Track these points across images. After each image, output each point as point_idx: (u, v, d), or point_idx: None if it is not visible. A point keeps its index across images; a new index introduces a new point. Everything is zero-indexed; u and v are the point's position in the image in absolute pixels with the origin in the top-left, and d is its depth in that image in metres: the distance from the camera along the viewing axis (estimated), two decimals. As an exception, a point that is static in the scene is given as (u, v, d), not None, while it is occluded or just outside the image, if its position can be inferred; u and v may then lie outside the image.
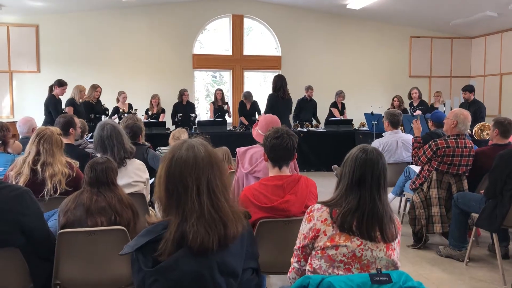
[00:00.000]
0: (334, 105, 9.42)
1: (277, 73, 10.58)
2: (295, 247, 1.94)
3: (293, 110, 9.13)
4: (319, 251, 1.82)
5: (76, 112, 6.70)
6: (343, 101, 9.45)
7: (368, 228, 1.79)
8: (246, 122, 8.66)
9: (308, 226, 1.87)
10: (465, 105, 7.41)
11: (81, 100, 7.08)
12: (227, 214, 1.54)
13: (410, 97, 8.59)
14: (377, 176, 1.84)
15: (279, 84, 6.89)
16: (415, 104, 8.46)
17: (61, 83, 6.69)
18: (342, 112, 9.40)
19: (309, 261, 1.88)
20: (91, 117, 7.24)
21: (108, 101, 8.19)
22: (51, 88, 6.75)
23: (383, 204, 1.83)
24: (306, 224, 1.89)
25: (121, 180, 3.17)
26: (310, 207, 1.93)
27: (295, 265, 1.95)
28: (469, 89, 7.57)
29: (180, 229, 1.48)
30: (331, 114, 9.35)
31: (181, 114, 8.47)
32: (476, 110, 7.18)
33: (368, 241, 1.79)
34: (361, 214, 1.80)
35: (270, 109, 6.82)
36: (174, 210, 1.53)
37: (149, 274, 1.47)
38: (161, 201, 1.57)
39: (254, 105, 8.92)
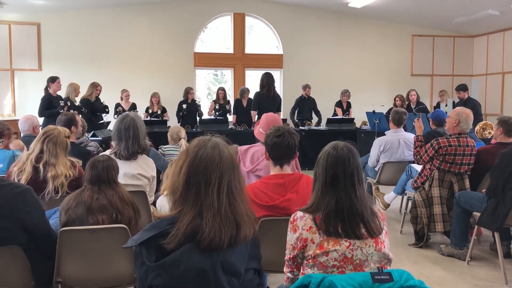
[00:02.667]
0: (339, 104, 9.40)
1: (277, 71, 10.67)
2: (285, 258, 1.91)
3: (291, 107, 9.16)
4: (310, 260, 1.80)
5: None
6: (348, 100, 9.43)
7: (353, 227, 1.77)
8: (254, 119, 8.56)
9: (294, 236, 1.84)
10: (460, 104, 7.40)
11: (76, 97, 7.09)
12: (241, 216, 1.57)
13: (408, 98, 8.57)
14: (350, 173, 1.81)
15: (265, 82, 6.88)
16: (412, 106, 8.46)
17: (53, 79, 6.67)
18: (347, 111, 9.37)
19: (301, 270, 1.86)
20: (89, 115, 7.21)
21: (109, 99, 8.19)
22: (46, 89, 6.73)
23: (361, 200, 1.81)
24: (292, 234, 1.86)
25: (126, 169, 3.20)
26: (292, 215, 1.90)
27: (289, 275, 1.93)
28: (463, 88, 7.64)
29: (194, 222, 1.50)
30: (336, 113, 9.35)
31: (185, 105, 8.47)
32: (472, 108, 7.19)
33: (356, 240, 1.77)
34: (342, 215, 1.77)
35: (257, 107, 6.82)
36: (190, 203, 1.54)
37: (151, 269, 1.48)
38: (176, 191, 1.58)
39: (250, 102, 8.91)
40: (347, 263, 1.77)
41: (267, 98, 6.88)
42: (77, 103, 7.05)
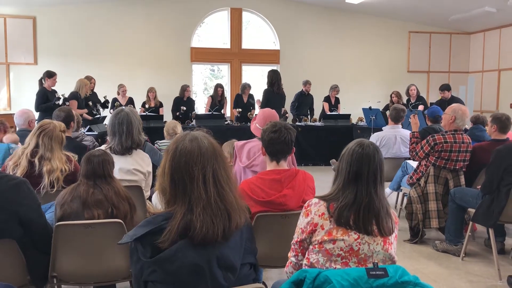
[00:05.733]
0: (327, 99, 9.40)
1: (272, 68, 10.65)
2: (292, 241, 1.94)
3: (289, 104, 9.19)
4: (316, 245, 1.82)
5: (79, 106, 6.72)
6: (337, 96, 9.43)
7: (365, 222, 1.80)
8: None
9: (305, 221, 1.87)
10: (444, 103, 7.39)
11: (87, 94, 7.10)
12: (231, 204, 1.56)
13: (408, 93, 8.56)
14: (374, 170, 1.84)
15: (275, 79, 6.94)
16: (412, 100, 8.45)
17: (50, 74, 6.64)
18: (335, 107, 9.37)
19: (306, 255, 1.88)
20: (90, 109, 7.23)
21: (106, 93, 8.16)
22: (41, 82, 6.71)
23: (380, 198, 1.84)
24: (303, 218, 1.89)
25: (121, 164, 3.19)
26: (307, 201, 1.93)
27: (293, 259, 1.95)
28: (446, 88, 7.76)
29: (186, 218, 1.49)
30: (324, 108, 9.37)
31: (184, 108, 8.48)
32: None
33: (365, 235, 1.80)
34: (357, 208, 1.80)
35: (266, 104, 6.87)
36: (180, 200, 1.53)
37: (147, 265, 1.48)
38: (165, 192, 1.57)
39: (251, 98, 8.92)
40: (352, 255, 1.79)
41: (277, 95, 6.96)
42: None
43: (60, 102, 6.49)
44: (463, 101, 7.83)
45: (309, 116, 9.19)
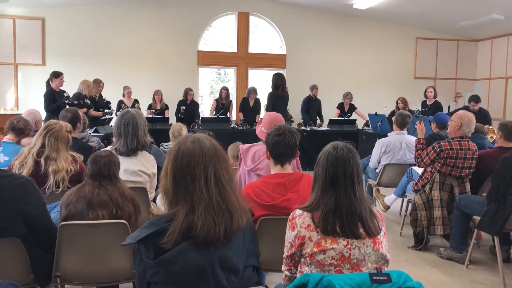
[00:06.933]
0: (340, 106, 9.39)
1: (280, 71, 10.65)
2: (283, 256, 1.92)
3: (298, 110, 9.19)
4: (307, 258, 1.80)
5: (81, 106, 6.76)
6: (351, 102, 9.41)
7: (351, 226, 1.77)
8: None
9: (292, 234, 1.85)
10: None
11: (92, 95, 7.14)
12: (233, 204, 1.57)
13: (425, 95, 8.46)
14: (350, 173, 1.82)
15: (280, 82, 6.97)
16: (428, 103, 8.32)
17: (57, 74, 6.68)
18: (349, 114, 9.34)
19: (299, 268, 1.86)
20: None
21: (112, 95, 8.21)
22: (48, 83, 6.76)
23: (360, 200, 1.81)
24: (290, 232, 1.87)
25: (127, 166, 3.20)
26: (291, 213, 1.91)
27: (287, 273, 1.93)
28: (478, 100, 7.32)
29: (188, 218, 1.50)
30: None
31: (184, 107, 8.50)
32: (485, 120, 6.87)
33: (354, 239, 1.77)
34: (340, 214, 1.78)
35: (272, 107, 6.89)
36: (182, 200, 1.54)
37: (150, 266, 1.48)
38: (168, 193, 1.58)
39: (257, 103, 8.94)
40: (344, 262, 1.77)
41: (281, 98, 6.98)
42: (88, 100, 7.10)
43: (70, 101, 6.52)
44: (489, 113, 7.48)
45: (317, 121, 9.19)
